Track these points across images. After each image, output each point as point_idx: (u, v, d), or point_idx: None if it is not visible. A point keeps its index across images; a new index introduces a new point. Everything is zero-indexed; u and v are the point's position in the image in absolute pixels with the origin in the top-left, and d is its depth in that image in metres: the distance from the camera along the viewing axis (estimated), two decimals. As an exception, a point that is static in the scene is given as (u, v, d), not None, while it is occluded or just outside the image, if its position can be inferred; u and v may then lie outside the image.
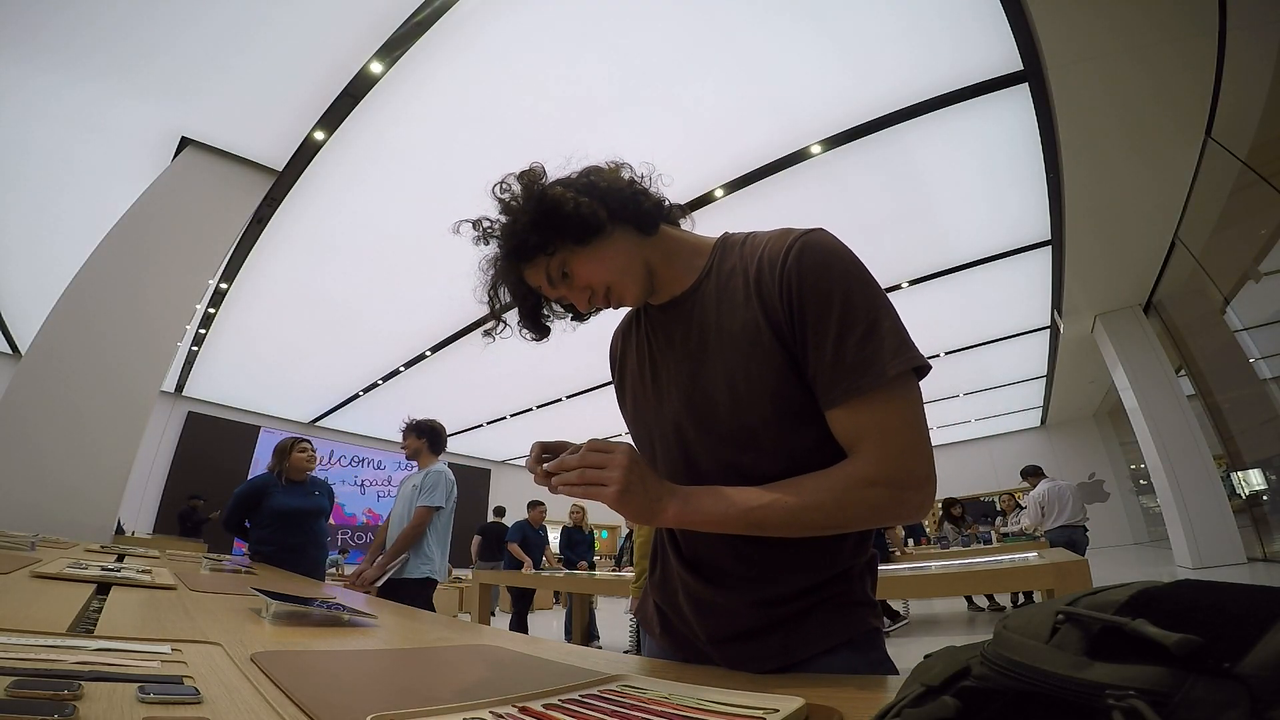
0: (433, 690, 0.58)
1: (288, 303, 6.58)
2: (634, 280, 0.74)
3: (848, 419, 0.63)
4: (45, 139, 4.36)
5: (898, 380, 0.61)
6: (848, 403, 0.62)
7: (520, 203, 0.72)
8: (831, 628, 0.68)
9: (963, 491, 10.48)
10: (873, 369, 0.61)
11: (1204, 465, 6.00)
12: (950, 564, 2.80)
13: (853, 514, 0.62)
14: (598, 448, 0.61)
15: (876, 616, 0.72)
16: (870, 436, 0.62)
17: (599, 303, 0.75)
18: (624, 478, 0.59)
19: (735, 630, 0.71)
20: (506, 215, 0.73)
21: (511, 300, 0.78)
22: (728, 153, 4.58)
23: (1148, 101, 3.91)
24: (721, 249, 0.77)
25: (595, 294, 0.74)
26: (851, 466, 0.62)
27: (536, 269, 0.73)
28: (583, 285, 0.73)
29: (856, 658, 0.68)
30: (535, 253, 0.71)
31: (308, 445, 3.26)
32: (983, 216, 5.54)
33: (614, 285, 0.73)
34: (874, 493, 0.61)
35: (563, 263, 0.72)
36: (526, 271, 0.74)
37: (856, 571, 0.72)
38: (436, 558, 2.75)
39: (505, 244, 0.73)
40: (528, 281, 0.75)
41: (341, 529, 11.24)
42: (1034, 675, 0.23)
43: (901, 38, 3.67)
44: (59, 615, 0.75)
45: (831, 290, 0.63)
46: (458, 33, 3.56)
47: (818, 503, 0.61)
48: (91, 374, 3.51)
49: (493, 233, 0.74)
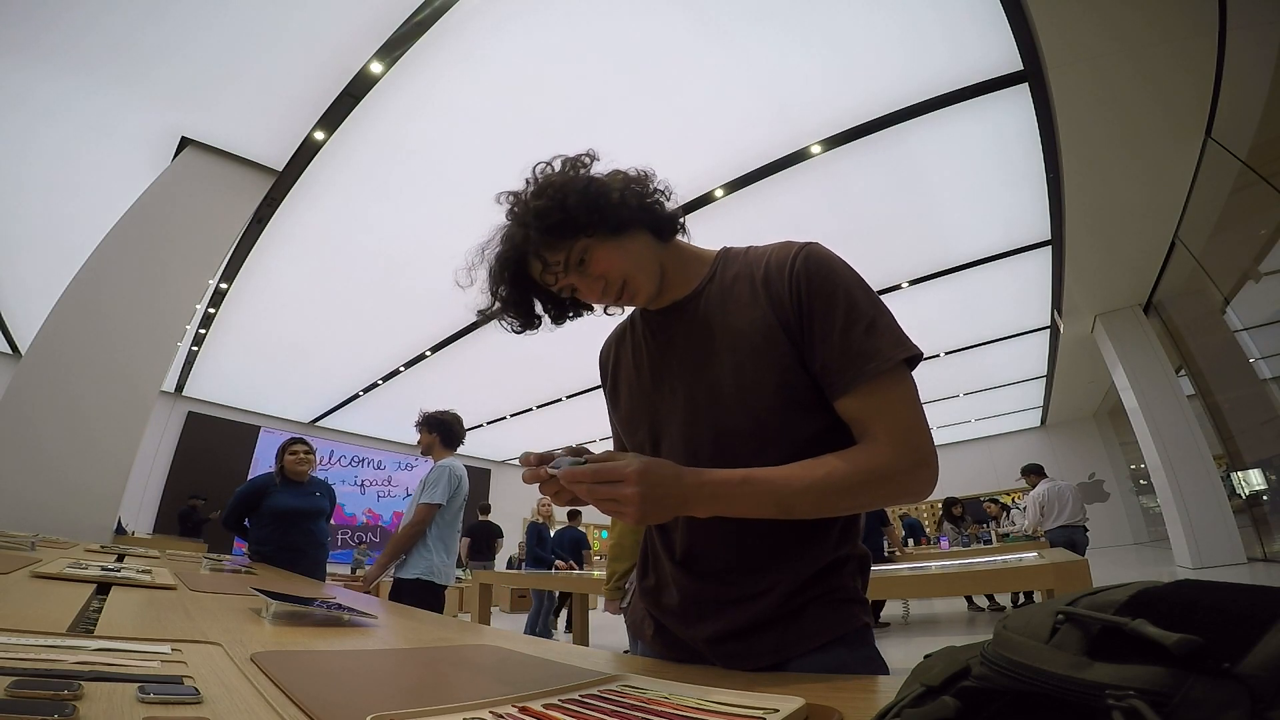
0: (433, 690, 0.58)
1: (288, 302, 6.58)
2: (649, 278, 0.76)
3: (857, 403, 0.67)
4: (45, 139, 4.36)
5: (899, 368, 0.67)
6: (857, 388, 0.66)
7: (566, 183, 0.72)
8: (824, 624, 0.70)
9: (963, 491, 10.48)
10: (879, 356, 0.66)
11: (1204, 465, 5.99)
12: (950, 564, 2.80)
13: (875, 491, 0.65)
14: (605, 476, 0.60)
15: (867, 613, 0.73)
16: (883, 417, 0.66)
17: (610, 295, 0.75)
18: (640, 500, 0.59)
19: (729, 629, 0.71)
20: (549, 192, 0.72)
21: (510, 288, 0.77)
22: (728, 153, 4.58)
23: (1147, 101, 3.91)
24: (724, 259, 0.81)
25: (610, 285, 0.74)
26: (870, 445, 0.66)
27: (559, 251, 0.72)
28: (599, 274, 0.73)
29: (848, 654, 0.69)
30: (571, 234, 0.71)
31: (299, 448, 3.18)
32: (983, 216, 5.54)
33: (631, 279, 0.74)
34: (893, 468, 0.64)
35: (585, 249, 0.72)
36: (546, 252, 0.73)
37: (848, 569, 0.73)
38: (435, 558, 2.59)
39: (542, 220, 0.71)
40: (539, 263, 0.74)
41: (341, 529, 11.25)
42: (1034, 675, 0.23)
43: (901, 38, 3.67)
44: (59, 615, 0.75)
45: (836, 290, 0.69)
46: (458, 33, 3.56)
47: (843, 479, 0.63)
48: (92, 373, 3.51)
49: (531, 206, 0.73)
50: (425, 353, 7.78)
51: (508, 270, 0.76)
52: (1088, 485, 11.66)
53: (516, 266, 0.75)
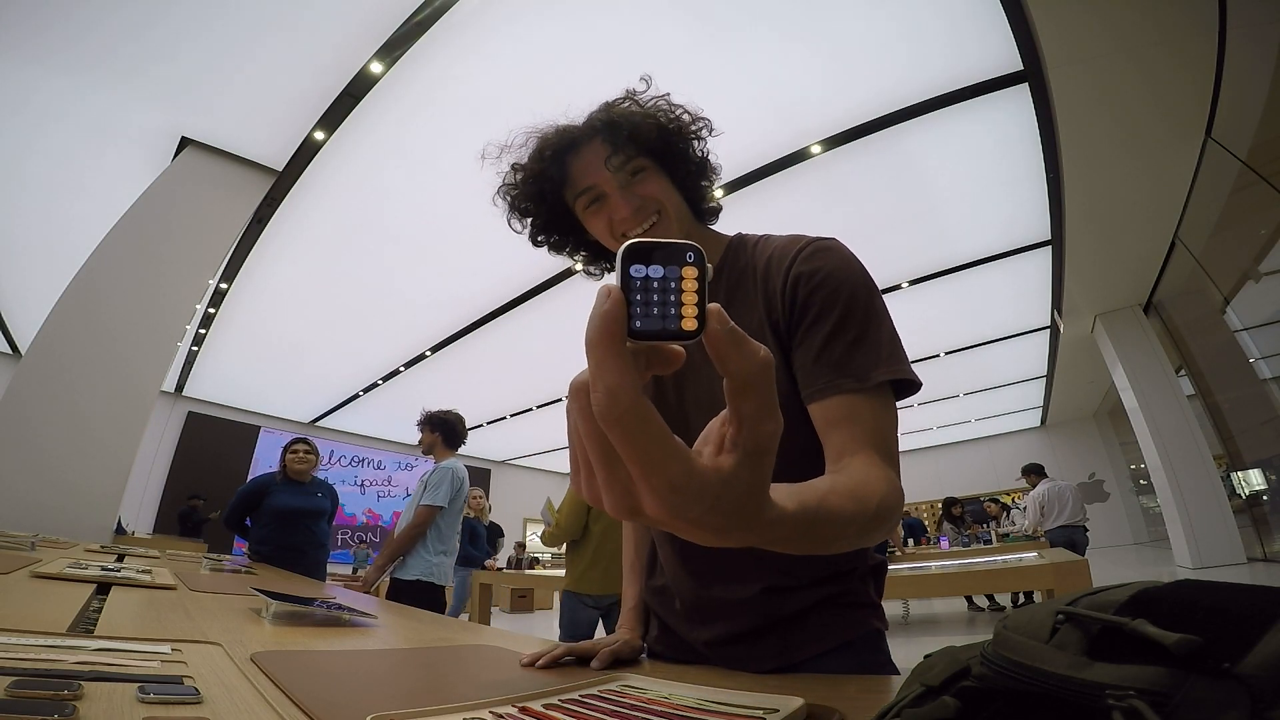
0: (433, 690, 0.58)
1: (288, 302, 6.58)
2: (679, 223, 0.73)
3: (821, 414, 0.61)
4: (46, 139, 4.36)
5: (880, 390, 0.60)
6: (824, 399, 0.60)
7: (671, 111, 0.73)
8: (830, 629, 0.68)
9: (963, 491, 10.48)
10: (859, 371, 0.60)
11: (1204, 465, 5.99)
12: (950, 564, 2.80)
13: (881, 529, 0.48)
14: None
15: (879, 618, 0.71)
16: (864, 435, 0.57)
17: (640, 217, 0.71)
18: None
19: (735, 631, 0.70)
20: (646, 109, 0.72)
21: (548, 164, 0.73)
22: (727, 153, 4.57)
23: (1147, 101, 3.91)
24: (736, 248, 0.78)
25: (645, 207, 0.71)
26: (874, 469, 0.53)
27: (620, 154, 0.69)
28: (644, 193, 0.71)
29: (855, 660, 0.67)
30: (644, 150, 0.70)
31: (300, 447, 3.18)
32: (982, 216, 5.54)
33: (666, 211, 0.72)
34: (893, 496, 0.51)
35: (643, 166, 0.71)
36: (608, 145, 0.70)
37: (859, 574, 0.71)
38: (434, 559, 2.60)
39: (626, 121, 0.69)
40: (589, 155, 0.71)
41: (341, 529, 11.25)
42: (1034, 675, 0.23)
43: (901, 38, 3.67)
44: (59, 615, 0.75)
45: (835, 292, 0.64)
46: (458, 33, 3.56)
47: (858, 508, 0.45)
48: (92, 373, 3.51)
49: (624, 108, 0.72)
50: (425, 353, 7.78)
51: (552, 148, 0.72)
52: (1088, 485, 11.65)
53: (566, 149, 0.72)
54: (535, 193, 0.75)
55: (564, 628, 2.82)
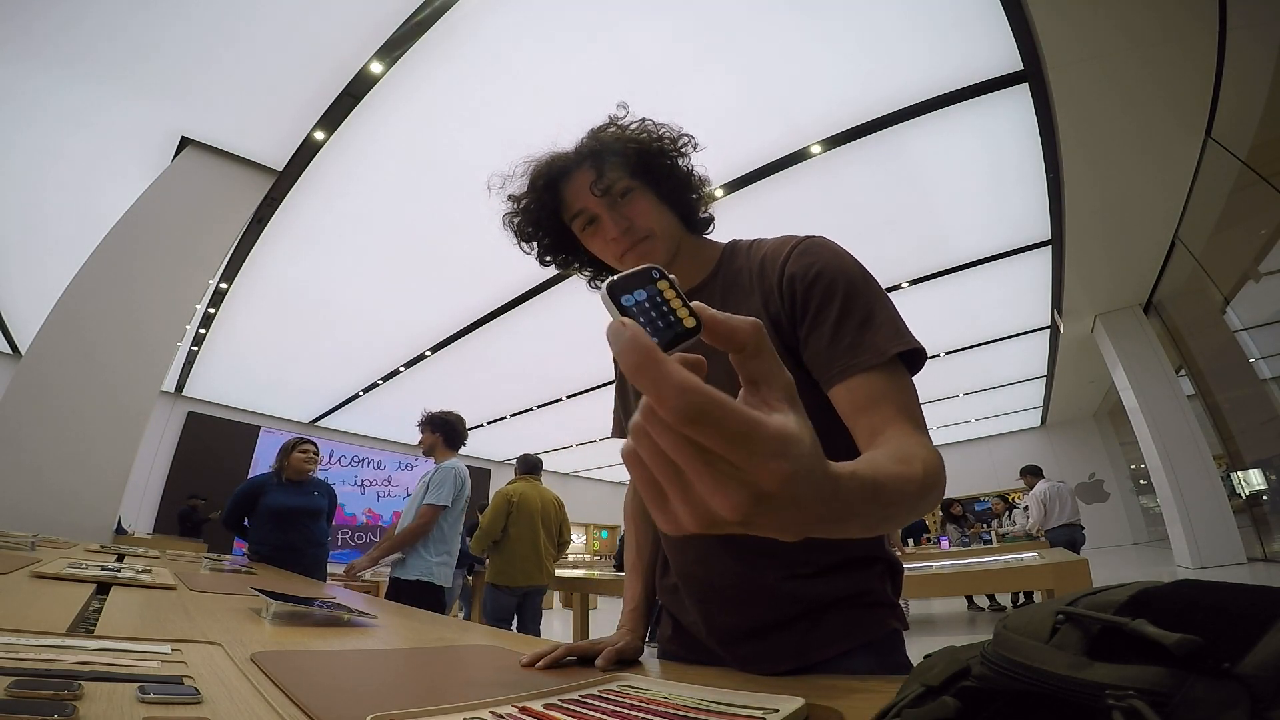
0: (433, 690, 0.58)
1: (288, 302, 6.58)
2: (667, 245, 0.77)
3: (847, 396, 0.61)
4: (46, 139, 4.36)
5: (894, 363, 0.62)
6: (846, 379, 0.61)
7: (654, 131, 0.77)
8: (849, 628, 0.67)
9: (963, 491, 10.48)
10: (874, 348, 0.62)
11: (1204, 465, 5.99)
12: (950, 564, 2.80)
13: (933, 495, 0.48)
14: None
15: (897, 618, 0.70)
16: (892, 410, 0.58)
17: (627, 240, 0.75)
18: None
19: (750, 626, 0.70)
20: (633, 128, 0.76)
21: (543, 192, 0.77)
22: (727, 153, 4.58)
23: (1148, 101, 3.91)
24: (730, 252, 0.82)
25: (633, 230, 0.74)
26: (910, 436, 0.54)
27: (608, 177, 0.73)
28: (630, 215, 0.75)
29: (875, 661, 0.66)
30: (629, 171, 0.74)
31: (309, 446, 3.20)
32: (983, 216, 5.54)
33: (654, 235, 0.75)
34: (936, 461, 0.50)
35: (630, 188, 0.75)
36: (596, 170, 0.74)
37: (875, 569, 0.71)
38: (434, 560, 2.60)
39: (610, 148, 0.74)
40: (580, 177, 0.75)
41: (341, 529, 11.24)
42: (1034, 675, 0.23)
43: (901, 38, 3.67)
44: (59, 615, 0.74)
45: (833, 281, 0.66)
46: (458, 33, 3.56)
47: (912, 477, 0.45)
48: (91, 374, 3.51)
49: (610, 132, 0.76)
50: (425, 353, 7.77)
51: (544, 177, 0.77)
52: (1088, 485, 11.66)
53: (559, 176, 0.76)
54: (535, 219, 0.80)
55: (488, 615, 3.44)
